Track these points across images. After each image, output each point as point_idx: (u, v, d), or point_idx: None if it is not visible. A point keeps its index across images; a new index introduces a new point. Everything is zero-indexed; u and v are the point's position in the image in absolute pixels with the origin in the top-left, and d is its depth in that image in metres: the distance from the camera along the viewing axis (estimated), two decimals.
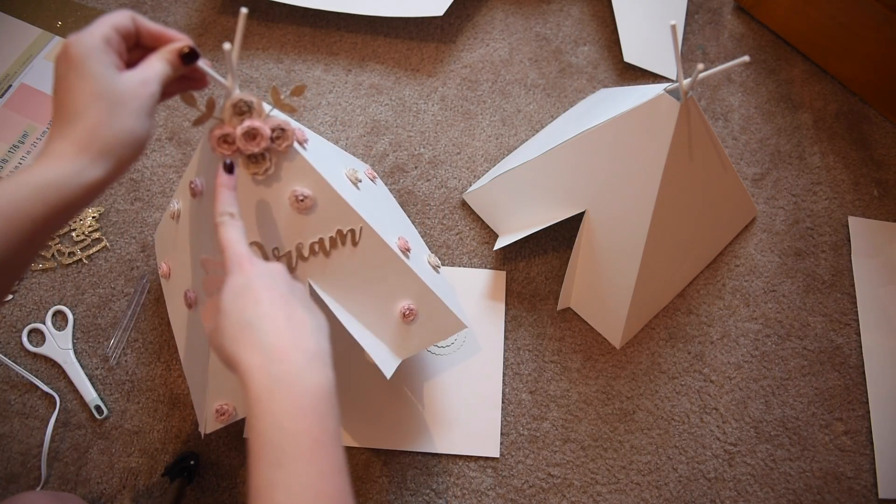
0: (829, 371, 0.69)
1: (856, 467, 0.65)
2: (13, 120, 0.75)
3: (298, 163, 0.47)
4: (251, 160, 0.45)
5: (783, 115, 0.81)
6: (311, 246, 0.50)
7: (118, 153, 0.36)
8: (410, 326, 0.56)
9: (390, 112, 0.79)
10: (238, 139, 0.44)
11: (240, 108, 0.44)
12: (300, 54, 0.82)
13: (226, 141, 0.44)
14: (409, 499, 0.62)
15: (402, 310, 0.55)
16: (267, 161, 0.46)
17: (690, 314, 0.70)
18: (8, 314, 0.68)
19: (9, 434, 0.63)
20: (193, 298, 0.55)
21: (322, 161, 0.50)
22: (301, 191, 0.48)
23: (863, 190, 0.77)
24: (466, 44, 0.84)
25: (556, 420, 0.65)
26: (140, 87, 0.37)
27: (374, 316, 0.55)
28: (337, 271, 0.52)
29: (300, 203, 0.48)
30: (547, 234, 0.71)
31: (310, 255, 0.51)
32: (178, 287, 0.58)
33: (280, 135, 0.45)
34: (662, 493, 0.63)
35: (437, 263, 0.64)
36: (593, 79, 0.82)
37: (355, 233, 0.51)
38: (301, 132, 0.49)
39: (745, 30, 0.87)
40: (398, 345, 0.56)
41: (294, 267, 0.51)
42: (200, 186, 0.51)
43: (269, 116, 0.45)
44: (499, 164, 0.76)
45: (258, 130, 0.44)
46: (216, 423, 0.55)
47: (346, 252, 0.51)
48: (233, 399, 0.55)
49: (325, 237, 0.50)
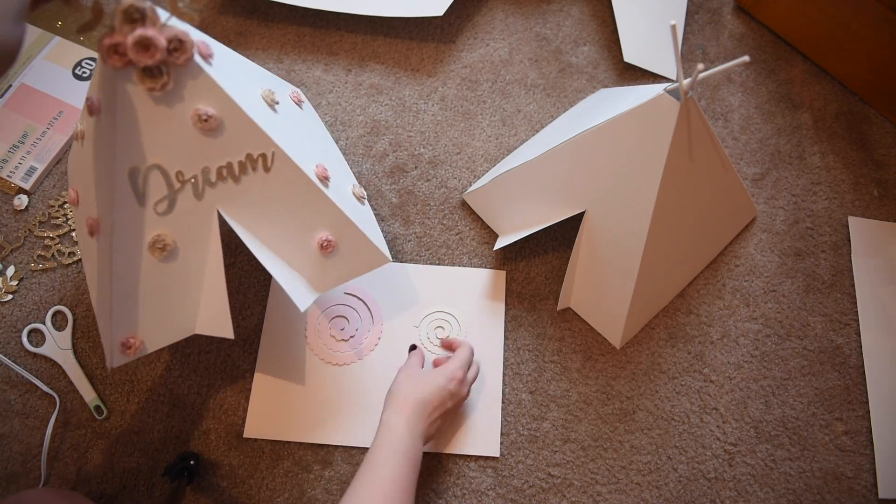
0: (829, 371, 0.69)
1: (856, 467, 0.65)
2: (13, 120, 0.75)
3: (202, 80, 0.44)
4: (146, 74, 0.42)
5: (783, 115, 0.81)
6: (219, 170, 0.48)
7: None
8: (329, 259, 0.53)
9: (390, 112, 0.79)
10: (129, 49, 0.40)
11: (131, 14, 0.40)
12: (300, 54, 0.82)
13: (117, 52, 0.40)
14: None
15: (319, 241, 0.52)
16: (164, 76, 0.42)
17: (690, 314, 0.70)
18: (8, 314, 0.68)
19: (9, 434, 0.63)
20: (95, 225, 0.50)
21: (230, 79, 0.47)
22: (204, 110, 0.44)
23: (863, 190, 0.77)
24: (466, 44, 0.84)
25: (556, 420, 0.65)
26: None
27: (290, 247, 0.52)
28: (248, 199, 0.49)
29: (204, 123, 0.45)
30: (547, 234, 0.71)
31: (217, 181, 0.48)
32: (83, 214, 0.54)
33: (178, 46, 0.41)
34: (662, 493, 0.63)
35: (363, 195, 0.61)
36: (593, 79, 0.82)
37: (267, 157, 0.48)
38: (206, 45, 0.45)
39: (745, 30, 0.87)
40: (316, 278, 0.54)
41: (201, 193, 0.48)
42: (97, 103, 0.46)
43: (166, 26, 0.41)
44: (499, 164, 0.76)
45: (152, 40, 0.40)
46: (123, 357, 0.51)
47: (258, 178, 0.49)
48: (140, 332, 0.51)
49: (234, 161, 0.47)
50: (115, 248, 0.48)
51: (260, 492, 0.62)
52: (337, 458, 0.63)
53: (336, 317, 0.68)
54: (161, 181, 0.47)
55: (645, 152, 0.57)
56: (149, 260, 0.49)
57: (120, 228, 0.48)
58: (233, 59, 0.53)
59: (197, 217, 0.49)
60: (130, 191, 0.47)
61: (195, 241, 0.50)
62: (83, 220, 0.52)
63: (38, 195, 0.73)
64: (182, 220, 0.49)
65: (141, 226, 0.48)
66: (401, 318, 0.68)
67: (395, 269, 0.70)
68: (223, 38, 0.82)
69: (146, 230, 0.48)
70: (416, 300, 0.69)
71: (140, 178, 0.46)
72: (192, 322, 0.54)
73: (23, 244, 0.71)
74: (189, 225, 0.49)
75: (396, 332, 0.68)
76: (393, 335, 0.68)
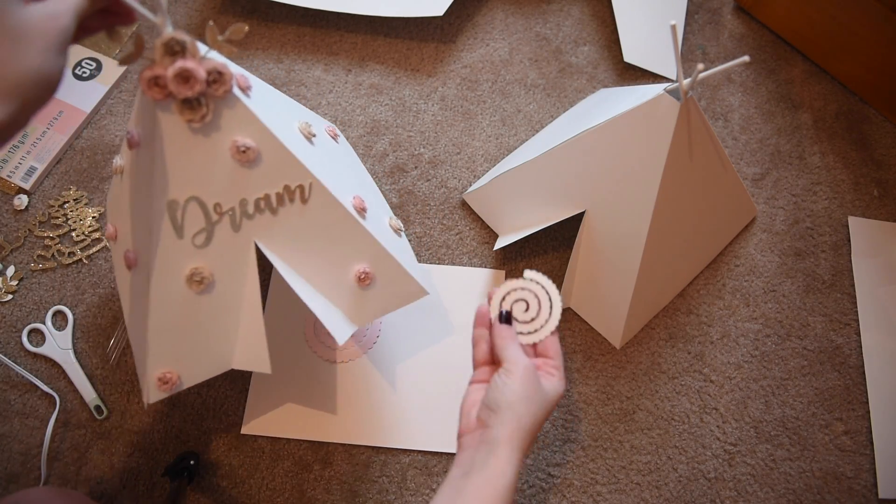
0: (829, 371, 0.69)
1: (856, 467, 0.65)
2: None
3: (240, 111, 0.44)
4: (186, 106, 0.42)
5: (783, 115, 0.81)
6: (257, 202, 0.47)
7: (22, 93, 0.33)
8: (367, 291, 0.53)
9: (390, 112, 0.79)
10: (170, 81, 0.40)
11: (172, 47, 0.40)
12: (300, 54, 0.82)
13: (157, 84, 0.40)
14: (409, 499, 0.62)
15: (357, 273, 0.52)
16: (203, 107, 0.42)
17: (690, 314, 0.70)
18: (8, 314, 0.68)
19: (9, 434, 0.63)
20: (133, 259, 0.50)
21: (269, 111, 0.47)
22: (243, 141, 0.44)
23: (863, 190, 0.77)
24: (466, 44, 0.84)
25: (556, 420, 0.65)
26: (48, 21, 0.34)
27: (328, 279, 0.52)
28: (286, 230, 0.49)
29: (242, 154, 0.45)
30: (547, 234, 0.71)
31: (255, 213, 0.48)
32: (121, 248, 0.54)
33: (217, 78, 0.41)
34: (662, 493, 0.63)
35: (400, 227, 0.61)
36: (593, 79, 0.82)
37: (304, 189, 0.48)
38: (244, 78, 0.45)
39: (745, 30, 0.87)
40: (354, 311, 0.53)
41: (238, 225, 0.48)
42: (137, 136, 0.47)
43: (205, 58, 0.41)
44: (499, 164, 0.76)
45: (191, 72, 0.40)
46: (160, 393, 0.51)
47: (295, 210, 0.48)
48: (177, 367, 0.51)
49: (272, 193, 0.47)
50: (152, 282, 0.48)
51: (260, 492, 0.62)
52: (337, 457, 0.63)
53: None
54: (199, 213, 0.47)
55: (645, 152, 0.57)
56: (186, 293, 0.49)
57: (158, 262, 0.47)
58: (270, 92, 0.54)
59: (234, 249, 0.49)
60: (169, 223, 0.46)
61: (232, 273, 0.50)
62: (121, 253, 0.52)
63: (38, 195, 0.73)
64: (219, 252, 0.48)
65: (179, 259, 0.48)
66: (400, 317, 0.68)
67: None
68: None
69: (184, 263, 0.48)
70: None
71: (178, 210, 0.46)
72: (230, 356, 0.53)
73: (23, 244, 0.71)
74: (226, 257, 0.49)
75: (396, 331, 0.68)
76: (392, 334, 0.68)
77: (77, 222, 0.71)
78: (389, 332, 0.68)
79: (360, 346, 0.67)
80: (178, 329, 0.50)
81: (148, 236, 0.47)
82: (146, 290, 0.48)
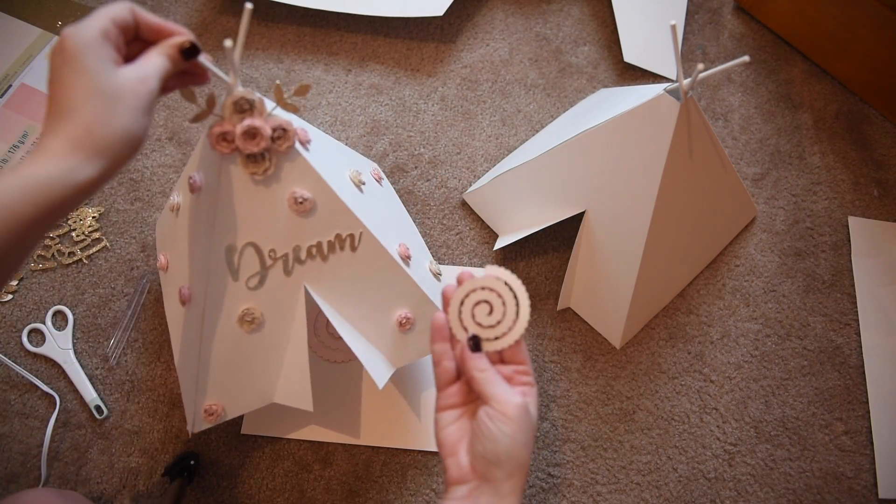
0: (829, 371, 0.69)
1: (856, 467, 0.65)
2: (13, 120, 0.75)
3: (299, 164, 0.46)
4: (250, 160, 0.44)
5: (783, 115, 0.81)
6: (309, 249, 0.50)
7: (113, 152, 0.35)
8: (407, 335, 0.55)
9: (390, 112, 0.79)
10: (237, 138, 0.43)
11: (241, 105, 0.43)
12: (300, 54, 0.82)
13: (225, 139, 0.43)
14: (409, 499, 0.62)
15: (398, 318, 0.54)
16: (266, 161, 0.45)
17: (690, 314, 0.70)
18: (8, 314, 0.68)
19: (9, 434, 0.63)
20: (188, 295, 0.54)
21: (324, 162, 0.49)
22: (301, 193, 0.47)
23: (863, 190, 0.77)
24: (466, 44, 0.84)
25: (556, 420, 0.65)
26: (138, 84, 0.36)
27: (371, 323, 0.54)
28: (334, 276, 0.51)
29: (299, 205, 0.47)
30: (547, 234, 0.71)
31: (307, 259, 0.50)
32: (174, 281, 0.57)
33: (281, 135, 0.44)
34: (662, 493, 0.63)
35: (438, 271, 0.63)
36: (593, 79, 0.82)
37: (354, 238, 0.50)
38: (304, 132, 0.48)
39: (745, 30, 0.87)
40: (394, 354, 0.55)
41: (290, 270, 0.50)
42: (199, 182, 0.50)
43: (271, 115, 0.44)
44: (499, 164, 0.76)
45: (258, 130, 0.43)
46: (205, 423, 0.54)
47: (345, 257, 0.51)
48: (223, 399, 0.54)
49: (324, 241, 0.49)
50: (206, 320, 0.50)
51: (260, 492, 0.62)
52: (337, 457, 0.63)
53: None
54: (255, 258, 0.49)
55: (645, 152, 0.57)
56: (237, 331, 0.51)
57: (213, 301, 0.50)
58: (325, 141, 0.56)
59: (285, 292, 0.51)
60: (226, 266, 0.49)
61: (282, 314, 0.52)
62: (175, 287, 0.55)
63: None
64: (271, 294, 0.50)
65: (233, 299, 0.50)
66: None
67: None
68: (223, 38, 0.82)
69: (237, 304, 0.50)
70: None
71: (236, 255, 0.48)
72: (272, 390, 0.55)
73: None
74: (277, 300, 0.51)
75: None
76: None
77: (77, 222, 0.71)
78: None
79: None
80: (227, 365, 0.52)
81: (205, 276, 0.49)
82: (199, 327, 0.50)
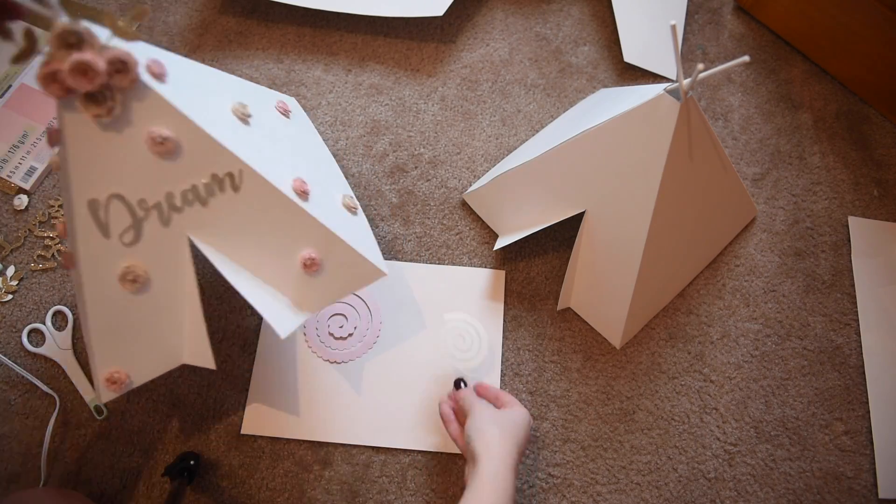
0: (829, 371, 0.69)
1: (856, 467, 0.65)
2: (13, 120, 0.75)
3: (153, 99, 0.41)
4: (90, 100, 0.39)
5: (783, 115, 0.81)
6: (184, 194, 0.45)
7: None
8: (315, 278, 0.51)
9: (390, 112, 0.79)
10: (66, 76, 0.37)
11: (66, 38, 0.37)
12: (300, 54, 0.82)
13: (55, 80, 0.37)
14: (409, 499, 0.62)
15: (302, 260, 0.50)
16: (109, 100, 0.40)
17: (690, 314, 0.70)
18: (8, 314, 0.68)
19: (9, 434, 0.63)
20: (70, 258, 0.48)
21: (190, 96, 0.45)
22: (158, 132, 0.42)
23: (863, 190, 0.77)
24: (466, 44, 0.84)
25: (556, 420, 0.65)
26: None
27: (272, 269, 0.50)
28: (220, 222, 0.47)
29: (160, 146, 0.42)
30: (547, 234, 0.71)
31: (184, 205, 0.46)
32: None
33: (121, 68, 0.39)
34: (662, 493, 0.63)
35: (355, 205, 0.58)
36: (593, 79, 0.82)
37: (234, 176, 0.45)
38: (157, 64, 0.43)
39: (745, 30, 0.87)
40: (303, 299, 0.51)
41: (168, 219, 0.46)
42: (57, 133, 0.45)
43: (107, 47, 0.38)
44: (499, 164, 0.76)
45: (89, 64, 0.37)
46: (110, 393, 0.50)
47: (227, 199, 0.46)
48: (125, 366, 0.50)
49: (199, 183, 0.45)
50: (84, 282, 0.46)
51: (260, 492, 0.62)
52: (337, 457, 0.63)
53: (335, 314, 0.68)
54: (124, 210, 0.45)
55: (645, 152, 0.57)
56: (121, 293, 0.47)
57: (87, 262, 0.46)
58: (199, 73, 0.51)
59: (166, 245, 0.47)
60: (92, 223, 0.44)
61: (168, 269, 0.48)
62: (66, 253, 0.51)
63: (38, 195, 0.73)
64: (151, 248, 0.47)
65: (109, 258, 0.46)
66: (400, 317, 0.68)
67: (395, 269, 0.70)
68: (223, 38, 0.82)
69: (115, 262, 0.46)
70: (415, 299, 0.69)
71: (101, 209, 0.44)
72: (179, 352, 0.52)
73: (23, 244, 0.71)
74: (159, 253, 0.47)
75: (396, 331, 0.68)
76: (392, 333, 0.68)
77: None
78: (389, 332, 0.68)
79: (359, 346, 0.67)
80: (118, 329, 0.49)
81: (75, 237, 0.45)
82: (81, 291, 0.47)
